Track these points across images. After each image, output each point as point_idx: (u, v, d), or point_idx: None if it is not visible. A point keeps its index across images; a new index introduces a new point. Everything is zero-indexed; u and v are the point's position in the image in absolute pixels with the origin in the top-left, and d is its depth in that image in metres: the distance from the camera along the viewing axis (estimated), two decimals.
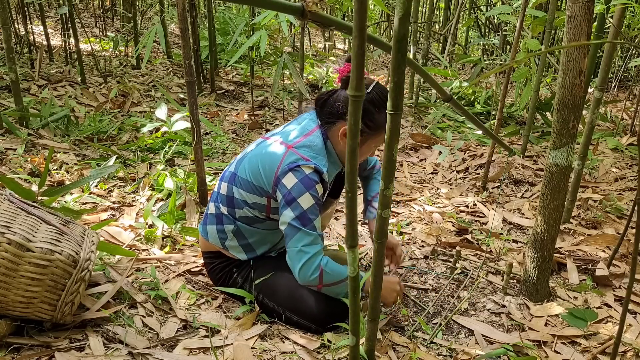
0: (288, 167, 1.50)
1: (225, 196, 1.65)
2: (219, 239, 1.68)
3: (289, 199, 1.49)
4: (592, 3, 1.51)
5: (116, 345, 1.38)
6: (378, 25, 7.81)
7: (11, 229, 1.28)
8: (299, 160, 1.50)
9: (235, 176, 1.62)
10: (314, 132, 1.59)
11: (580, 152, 2.25)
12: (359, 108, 0.87)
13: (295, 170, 1.49)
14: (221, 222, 1.67)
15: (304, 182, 1.49)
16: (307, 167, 1.50)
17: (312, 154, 1.54)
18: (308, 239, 1.49)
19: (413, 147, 3.55)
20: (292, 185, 1.49)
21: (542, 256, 1.78)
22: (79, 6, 7.70)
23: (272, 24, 3.54)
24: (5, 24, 2.69)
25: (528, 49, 2.86)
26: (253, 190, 1.58)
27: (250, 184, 1.57)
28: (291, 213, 1.49)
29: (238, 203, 1.62)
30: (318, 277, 1.51)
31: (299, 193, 1.48)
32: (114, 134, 3.11)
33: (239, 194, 1.60)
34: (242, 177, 1.59)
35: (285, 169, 1.50)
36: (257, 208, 1.60)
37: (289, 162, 1.50)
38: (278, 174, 1.51)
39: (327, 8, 5.36)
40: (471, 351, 1.52)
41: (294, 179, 1.49)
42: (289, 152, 1.52)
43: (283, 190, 1.50)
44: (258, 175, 1.55)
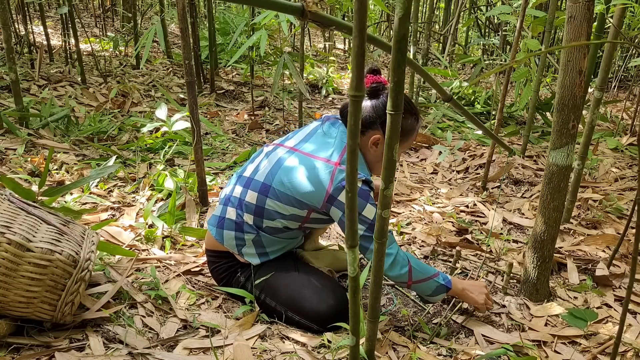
0: (342, 184, 1.50)
1: (254, 205, 1.61)
2: (235, 245, 1.66)
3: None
4: (592, 3, 1.51)
5: (116, 345, 1.38)
6: (378, 25, 7.81)
7: (11, 229, 1.28)
8: None
9: (270, 188, 1.59)
10: None
11: (580, 152, 2.25)
12: (359, 108, 0.87)
13: None
14: (241, 229, 1.64)
15: (362, 196, 1.52)
16: (359, 180, 1.52)
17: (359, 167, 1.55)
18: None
19: (413, 147, 3.55)
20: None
21: (542, 256, 1.78)
22: (79, 6, 7.70)
23: (272, 24, 3.54)
24: (5, 24, 2.69)
25: (528, 49, 2.86)
26: (293, 204, 1.57)
27: (291, 198, 1.56)
28: (361, 226, 1.52)
29: (270, 214, 1.60)
30: (407, 273, 1.55)
31: (361, 207, 1.51)
32: (114, 134, 3.11)
33: (275, 205, 1.58)
34: (280, 191, 1.57)
35: (339, 186, 1.50)
36: (293, 219, 1.61)
37: (340, 179, 1.51)
38: (331, 193, 1.51)
39: (327, 8, 5.36)
40: (471, 351, 1.52)
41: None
42: (337, 169, 1.53)
43: (342, 207, 1.51)
44: (303, 192, 1.54)
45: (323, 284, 1.63)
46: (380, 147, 1.61)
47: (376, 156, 1.63)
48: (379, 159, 1.64)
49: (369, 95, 1.59)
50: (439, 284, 1.60)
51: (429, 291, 1.61)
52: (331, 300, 1.60)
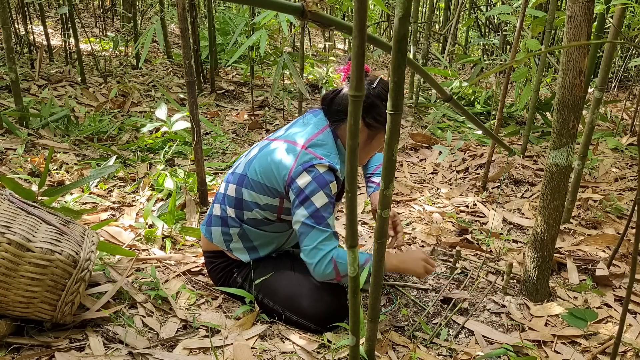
0: (302, 166, 1.49)
1: (233, 198, 1.63)
2: (223, 241, 1.68)
3: (302, 198, 1.49)
4: (592, 3, 1.51)
5: (116, 345, 1.38)
6: (378, 25, 7.80)
7: (11, 229, 1.28)
8: (313, 160, 1.50)
9: (245, 178, 1.61)
10: (324, 130, 1.59)
11: (580, 152, 2.25)
12: (359, 108, 0.87)
13: (310, 170, 1.49)
14: (226, 224, 1.66)
15: (318, 181, 1.49)
16: (321, 165, 1.50)
17: (325, 153, 1.54)
18: (322, 236, 1.49)
19: (413, 147, 3.55)
20: (306, 184, 1.48)
21: (542, 256, 1.78)
22: (79, 6, 7.70)
23: (272, 24, 3.54)
24: (5, 24, 2.69)
25: (528, 49, 2.86)
26: (265, 192, 1.57)
27: (262, 185, 1.57)
28: (304, 212, 1.49)
29: (248, 205, 1.61)
30: (333, 269, 1.50)
31: (312, 192, 1.48)
32: (114, 134, 3.11)
33: (250, 195, 1.59)
34: (252, 179, 1.58)
35: (300, 168, 1.49)
36: (268, 209, 1.60)
37: (303, 161, 1.50)
38: (292, 174, 1.50)
39: (327, 8, 5.35)
40: (471, 351, 1.52)
41: (308, 177, 1.49)
42: (302, 151, 1.52)
43: (296, 189, 1.49)
44: (271, 176, 1.55)
45: (320, 283, 1.63)
46: (362, 135, 1.60)
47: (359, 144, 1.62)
48: (363, 147, 1.63)
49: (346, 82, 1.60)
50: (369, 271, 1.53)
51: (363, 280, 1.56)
52: (328, 298, 1.60)
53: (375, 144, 1.65)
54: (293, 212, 1.52)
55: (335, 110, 1.60)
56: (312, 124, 1.62)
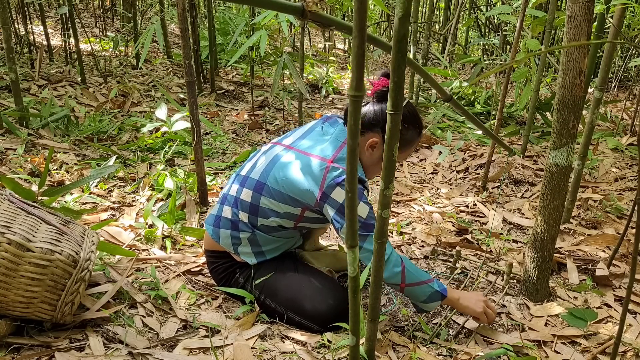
0: (335, 182, 1.49)
1: (248, 203, 1.61)
2: (231, 244, 1.66)
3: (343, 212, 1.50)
4: (592, 3, 1.51)
5: (116, 345, 1.38)
6: (378, 25, 7.80)
7: (11, 229, 1.28)
8: (343, 174, 1.50)
9: (264, 186, 1.59)
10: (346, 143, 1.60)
11: (580, 152, 2.25)
12: (359, 108, 0.87)
13: (343, 184, 1.49)
14: (237, 228, 1.64)
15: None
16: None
17: None
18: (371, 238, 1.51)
19: None
20: (343, 199, 1.49)
21: (542, 256, 1.78)
22: (79, 6, 7.70)
23: (272, 24, 3.54)
24: (5, 24, 2.69)
25: (528, 49, 2.86)
26: (287, 201, 1.56)
27: (284, 195, 1.56)
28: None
29: (264, 212, 1.60)
30: (400, 274, 1.52)
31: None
32: (114, 134, 3.11)
33: (270, 203, 1.58)
34: (274, 188, 1.57)
35: (332, 184, 1.49)
36: (287, 217, 1.60)
37: (334, 176, 1.50)
38: (324, 190, 1.50)
39: (327, 8, 5.35)
40: (471, 351, 1.52)
41: (344, 193, 1.48)
42: (330, 167, 1.52)
43: (335, 205, 1.50)
44: (296, 189, 1.54)
45: (323, 284, 1.63)
46: (376, 151, 1.59)
47: (372, 159, 1.62)
48: (374, 163, 1.63)
49: (377, 98, 1.58)
50: (433, 290, 1.55)
51: (423, 297, 1.56)
52: (331, 300, 1.59)
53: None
54: (338, 226, 1.52)
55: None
56: (333, 136, 1.61)
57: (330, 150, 1.56)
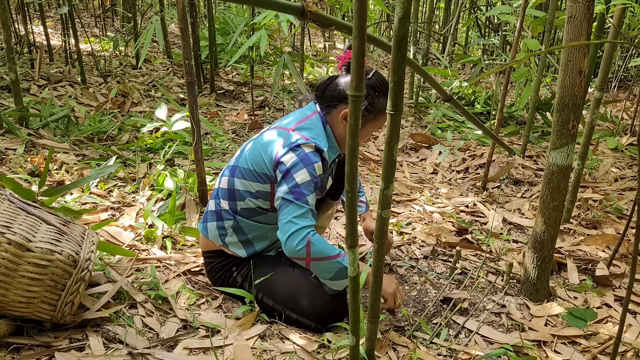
0: (289, 147, 1.51)
1: (226, 190, 1.65)
2: (218, 236, 1.69)
3: (284, 174, 1.51)
4: (592, 3, 1.51)
5: (116, 345, 1.38)
6: (378, 25, 7.80)
7: (11, 229, 1.28)
8: (299, 140, 1.53)
9: (237, 168, 1.63)
10: (312, 116, 1.62)
11: (580, 152, 2.25)
12: (359, 108, 0.87)
13: (295, 149, 1.51)
14: (221, 217, 1.67)
15: (303, 159, 1.51)
16: (307, 145, 1.52)
17: (313, 135, 1.56)
18: (299, 211, 1.49)
19: (413, 147, 3.55)
20: (291, 162, 1.50)
21: (542, 256, 1.78)
22: (79, 6, 7.70)
23: (272, 24, 3.54)
24: (5, 24, 2.69)
25: (528, 49, 2.86)
26: (256, 178, 1.59)
27: (253, 172, 1.59)
28: (285, 187, 1.50)
29: (240, 194, 1.62)
30: (305, 248, 1.46)
31: (295, 168, 1.50)
32: (114, 134, 3.11)
33: (242, 184, 1.61)
34: (243, 167, 1.61)
35: (286, 149, 1.52)
36: (261, 197, 1.61)
37: (290, 142, 1.52)
38: (279, 155, 1.53)
39: (327, 8, 5.35)
40: (471, 351, 1.52)
41: (294, 156, 1.51)
42: (289, 134, 1.55)
43: (282, 168, 1.51)
44: (260, 161, 1.57)
45: (319, 281, 1.63)
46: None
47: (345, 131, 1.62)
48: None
49: (346, 70, 1.61)
50: (341, 266, 1.49)
51: (330, 273, 1.51)
52: (328, 296, 1.60)
53: (363, 133, 1.66)
54: (276, 191, 1.53)
55: (328, 95, 1.62)
56: (300, 112, 1.66)
57: (294, 121, 1.60)
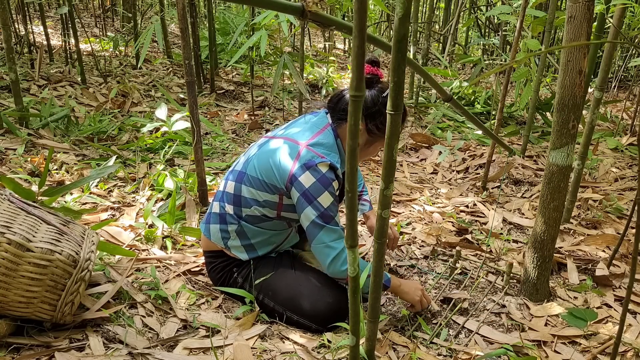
0: (305, 165, 1.50)
1: (232, 195, 1.64)
2: (221, 238, 1.68)
3: (309, 198, 1.50)
4: (592, 3, 1.51)
5: (116, 345, 1.38)
6: (378, 25, 7.80)
7: (11, 229, 1.28)
8: (315, 158, 1.51)
9: (244, 175, 1.61)
10: (325, 129, 1.60)
11: (580, 152, 2.25)
12: (359, 108, 0.87)
13: (313, 170, 1.50)
14: (225, 221, 1.66)
15: (322, 181, 1.50)
16: (324, 165, 1.51)
17: (326, 152, 1.55)
18: (333, 235, 1.52)
19: (413, 147, 3.55)
20: (310, 184, 1.49)
21: (542, 256, 1.78)
22: (79, 6, 7.70)
23: (272, 24, 3.54)
24: (5, 24, 2.69)
25: (528, 49, 2.86)
26: (264, 188, 1.57)
27: (261, 182, 1.57)
28: (313, 212, 1.51)
29: (246, 202, 1.61)
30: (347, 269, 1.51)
31: (318, 192, 1.49)
32: (114, 134, 3.11)
33: (249, 192, 1.60)
34: (251, 176, 1.59)
35: (302, 167, 1.50)
36: (267, 206, 1.60)
37: (305, 160, 1.50)
38: (294, 172, 1.51)
39: (327, 8, 5.35)
40: (471, 351, 1.52)
41: (312, 178, 1.49)
42: (304, 150, 1.53)
43: (301, 188, 1.50)
44: (270, 172, 1.55)
45: (321, 283, 1.63)
46: (361, 139, 1.60)
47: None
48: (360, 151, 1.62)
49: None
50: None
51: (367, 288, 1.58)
52: (329, 298, 1.60)
53: (371, 150, 1.67)
54: (299, 211, 1.54)
55: (341, 108, 1.61)
56: (312, 123, 1.63)
57: (307, 135, 1.58)
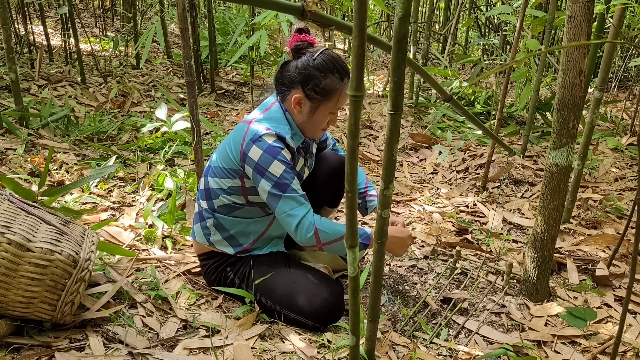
0: (251, 139, 1.53)
1: (203, 190, 1.70)
2: (203, 236, 1.71)
3: (260, 171, 1.52)
4: (592, 3, 1.51)
5: (116, 345, 1.38)
6: (378, 25, 7.80)
7: (11, 229, 1.28)
8: (260, 131, 1.54)
9: (210, 168, 1.68)
10: (272, 106, 1.63)
11: (580, 152, 2.25)
12: (359, 108, 0.87)
13: (258, 141, 1.52)
14: (203, 218, 1.71)
15: (269, 151, 1.52)
16: (269, 135, 1.53)
17: (273, 125, 1.57)
18: (292, 202, 1.53)
19: (413, 147, 3.55)
20: (259, 156, 1.52)
21: (542, 256, 1.78)
22: (79, 6, 7.70)
23: (272, 24, 3.54)
24: (5, 24, 2.69)
25: (528, 49, 2.86)
26: (226, 174, 1.61)
27: (222, 169, 1.61)
28: (267, 183, 1.52)
29: (214, 193, 1.65)
30: (314, 236, 1.52)
31: (267, 162, 1.51)
32: (114, 134, 3.11)
33: (215, 182, 1.64)
34: (214, 166, 1.64)
35: (249, 142, 1.53)
36: (234, 192, 1.63)
37: (251, 134, 1.54)
38: (243, 149, 1.54)
39: (327, 8, 5.35)
40: (471, 351, 1.52)
41: (259, 150, 1.52)
42: (250, 127, 1.56)
43: (251, 163, 1.53)
44: (227, 157, 1.60)
45: (317, 280, 1.64)
46: (304, 107, 1.58)
47: (303, 117, 1.60)
48: (307, 119, 1.60)
49: (293, 53, 1.58)
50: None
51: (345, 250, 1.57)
52: (325, 294, 1.60)
53: (319, 116, 1.60)
54: (256, 186, 1.56)
55: (280, 83, 1.61)
56: (262, 104, 1.67)
57: (256, 114, 1.61)
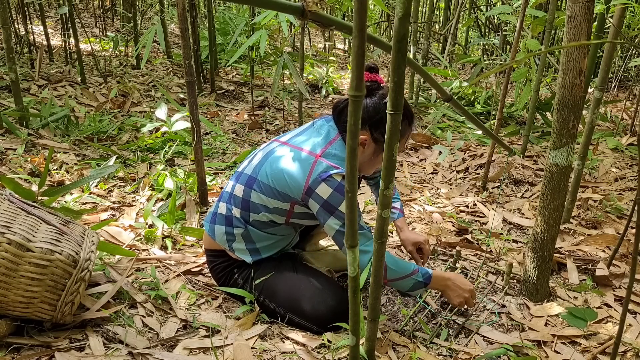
0: (320, 177, 1.49)
1: (240, 199, 1.63)
2: (226, 240, 1.67)
3: (329, 209, 1.50)
4: (592, 3, 1.51)
5: (116, 345, 1.38)
6: (378, 25, 7.80)
7: (11, 229, 1.28)
8: (329, 169, 1.50)
9: (255, 180, 1.60)
10: (336, 139, 1.59)
11: (580, 152, 2.25)
12: (359, 108, 0.87)
13: (328, 180, 1.49)
14: (231, 224, 1.65)
15: (339, 190, 1.50)
16: (338, 175, 1.51)
17: (339, 162, 1.54)
18: (362, 238, 1.52)
19: (413, 147, 3.55)
20: (328, 195, 1.49)
21: (542, 256, 1.78)
22: (79, 6, 7.70)
23: (272, 24, 3.54)
24: (5, 24, 2.69)
25: (528, 49, 2.86)
26: (276, 196, 1.56)
27: (273, 190, 1.56)
28: (336, 221, 1.50)
29: (255, 207, 1.60)
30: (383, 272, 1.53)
31: (338, 201, 1.49)
32: (114, 134, 3.11)
33: (259, 198, 1.59)
34: (263, 182, 1.58)
35: (318, 179, 1.49)
36: (277, 213, 1.60)
37: (320, 171, 1.50)
38: (310, 184, 1.50)
39: (327, 8, 5.35)
40: (471, 351, 1.52)
41: (329, 188, 1.49)
42: (317, 161, 1.52)
43: (319, 200, 1.50)
44: (283, 182, 1.54)
45: (322, 285, 1.63)
46: (367, 149, 1.59)
47: (363, 157, 1.62)
48: (366, 160, 1.63)
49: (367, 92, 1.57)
50: (416, 281, 1.58)
51: (407, 287, 1.60)
52: (331, 301, 1.59)
53: (381, 158, 1.63)
54: (322, 222, 1.54)
55: (344, 120, 1.59)
56: (324, 134, 1.61)
57: (320, 145, 1.57)
